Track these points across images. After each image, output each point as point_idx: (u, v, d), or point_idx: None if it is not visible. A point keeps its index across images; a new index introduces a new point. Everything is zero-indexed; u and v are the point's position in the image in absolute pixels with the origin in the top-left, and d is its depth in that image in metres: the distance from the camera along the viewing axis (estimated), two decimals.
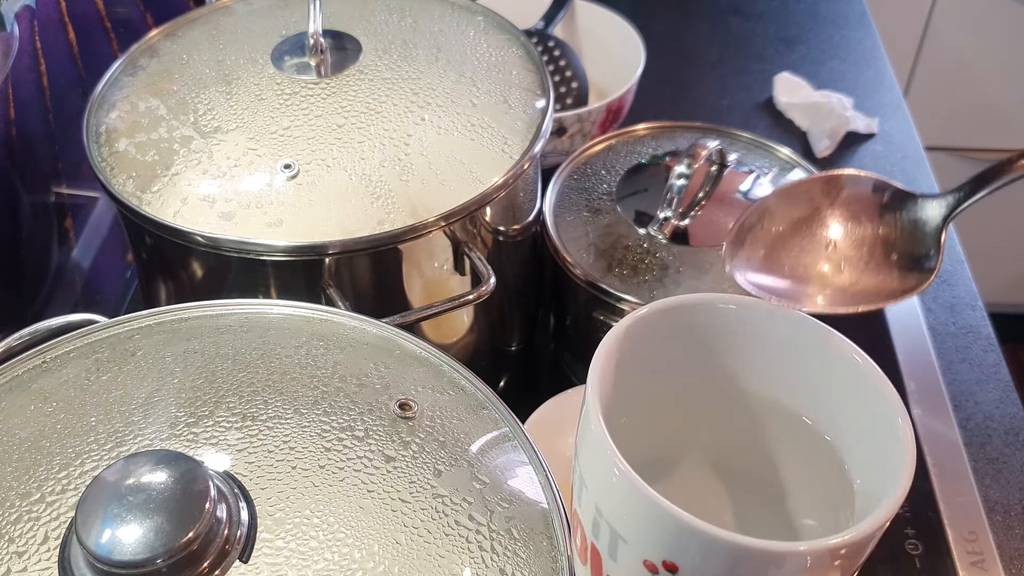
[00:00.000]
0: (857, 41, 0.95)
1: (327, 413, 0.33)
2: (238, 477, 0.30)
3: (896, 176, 0.78)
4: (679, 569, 0.34)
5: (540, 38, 0.79)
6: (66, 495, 0.30)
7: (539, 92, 0.53)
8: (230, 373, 0.34)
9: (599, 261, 0.55)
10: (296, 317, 0.39)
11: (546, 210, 0.58)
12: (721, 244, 0.54)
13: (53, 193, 0.63)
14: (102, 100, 0.52)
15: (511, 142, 0.50)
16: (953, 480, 0.56)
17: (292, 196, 0.46)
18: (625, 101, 0.75)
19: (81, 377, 0.35)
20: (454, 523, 0.31)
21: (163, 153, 0.48)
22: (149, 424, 0.32)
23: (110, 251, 0.69)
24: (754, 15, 0.98)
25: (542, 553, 0.31)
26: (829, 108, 0.81)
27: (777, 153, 0.61)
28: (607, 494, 0.36)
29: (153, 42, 0.55)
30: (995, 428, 0.59)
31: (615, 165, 0.60)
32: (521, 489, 0.33)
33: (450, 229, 0.48)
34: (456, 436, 0.34)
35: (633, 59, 0.77)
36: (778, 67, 0.89)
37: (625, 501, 0.35)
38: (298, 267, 0.46)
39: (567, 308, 0.60)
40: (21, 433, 0.32)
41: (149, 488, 0.27)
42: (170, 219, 0.46)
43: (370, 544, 0.29)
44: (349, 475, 0.31)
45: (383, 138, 0.48)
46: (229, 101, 0.50)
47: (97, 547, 0.26)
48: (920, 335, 0.64)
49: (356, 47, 0.52)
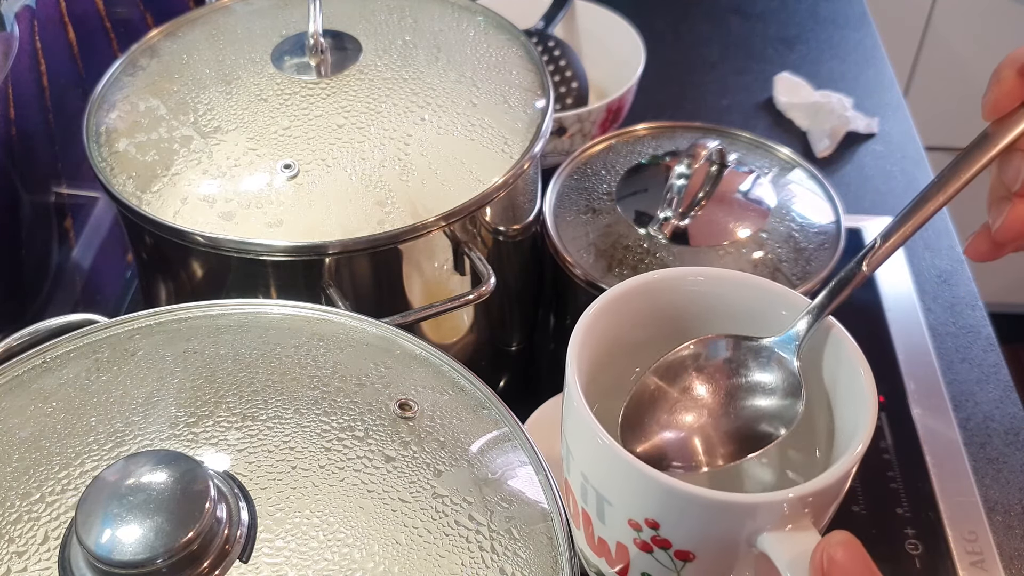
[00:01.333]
0: (857, 41, 0.95)
1: (327, 413, 0.33)
2: (238, 477, 0.30)
3: (896, 176, 0.78)
4: (660, 526, 0.36)
5: (540, 38, 0.79)
6: (66, 495, 0.30)
7: (539, 92, 0.53)
8: (230, 373, 0.34)
9: (599, 261, 0.55)
10: (296, 317, 0.39)
11: (546, 210, 0.58)
12: (722, 243, 0.54)
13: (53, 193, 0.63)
14: (102, 100, 0.52)
15: (511, 142, 0.50)
16: (953, 480, 0.56)
17: (292, 196, 0.46)
18: (625, 101, 0.75)
19: (81, 377, 0.35)
20: (454, 523, 0.31)
21: (163, 153, 0.48)
22: (149, 424, 0.32)
23: (110, 251, 0.69)
24: (754, 15, 0.98)
25: (542, 553, 0.31)
26: (829, 108, 0.81)
27: (777, 153, 0.61)
28: (591, 462, 0.38)
29: (153, 42, 0.55)
30: (995, 428, 0.59)
31: (615, 165, 0.60)
32: (521, 489, 0.33)
33: (450, 229, 0.48)
34: (456, 436, 0.34)
35: (633, 59, 0.77)
36: (778, 67, 0.89)
37: (608, 468, 0.37)
38: (298, 267, 0.46)
39: (567, 308, 0.60)
40: (21, 433, 0.32)
41: (149, 488, 0.27)
42: (170, 219, 0.46)
43: (370, 544, 0.29)
44: (349, 475, 0.31)
45: (383, 138, 0.48)
46: (229, 101, 0.50)
47: (97, 547, 0.26)
48: (920, 335, 0.64)
49: (356, 47, 0.52)
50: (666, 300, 0.43)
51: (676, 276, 0.43)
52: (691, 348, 0.41)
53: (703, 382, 0.41)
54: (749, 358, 0.40)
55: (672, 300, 0.43)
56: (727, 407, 0.40)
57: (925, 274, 0.69)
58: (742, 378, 0.40)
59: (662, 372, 0.41)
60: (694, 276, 0.43)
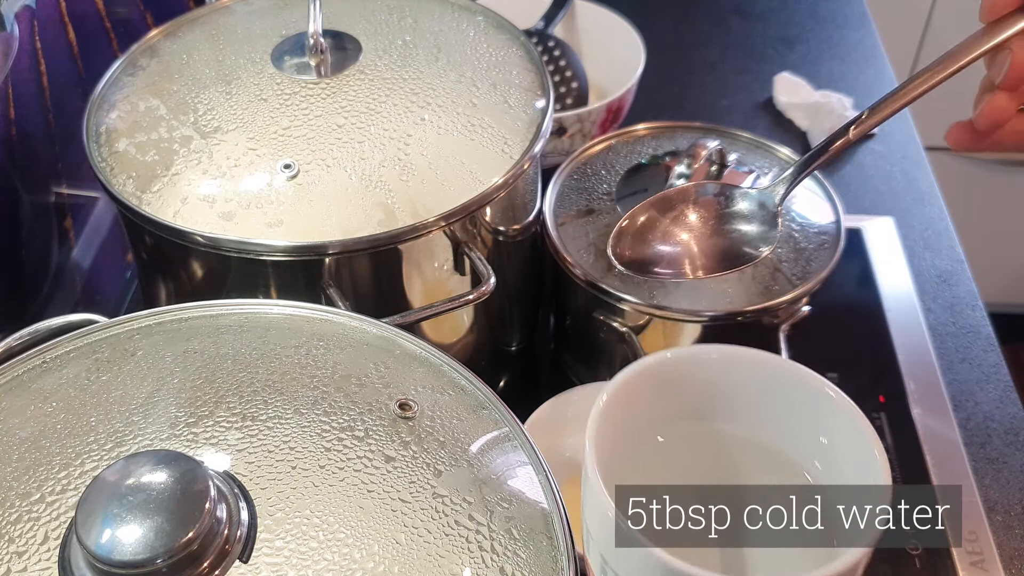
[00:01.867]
0: (857, 41, 0.95)
1: (327, 413, 0.33)
2: (238, 477, 0.30)
3: (896, 176, 0.78)
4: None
5: (540, 38, 0.79)
6: (66, 495, 0.30)
7: (539, 92, 0.53)
8: (230, 373, 0.34)
9: (599, 261, 0.55)
10: (296, 317, 0.39)
11: (546, 210, 0.58)
12: None
13: (53, 193, 0.63)
14: (102, 100, 0.52)
15: (511, 142, 0.50)
16: (953, 480, 0.56)
17: (292, 196, 0.46)
18: (625, 101, 0.75)
19: (81, 377, 0.35)
20: (454, 523, 0.31)
21: (163, 153, 0.48)
22: (149, 424, 0.32)
23: (110, 251, 0.69)
24: (754, 15, 0.98)
25: (542, 553, 0.31)
26: (829, 108, 0.81)
27: (777, 153, 0.61)
28: (611, 548, 0.38)
29: (153, 42, 0.55)
30: (995, 428, 0.59)
31: (615, 165, 0.60)
32: (521, 489, 0.33)
33: (450, 229, 0.48)
34: (456, 436, 0.34)
35: (633, 59, 0.77)
36: (778, 67, 0.88)
37: (627, 555, 0.37)
38: (298, 267, 0.46)
39: (567, 308, 0.60)
40: (21, 433, 0.32)
41: (149, 488, 0.27)
42: (170, 219, 0.46)
43: (370, 544, 0.29)
44: (349, 475, 0.31)
45: (383, 138, 0.48)
46: (229, 101, 0.50)
47: (97, 547, 0.26)
48: (920, 335, 0.64)
49: (356, 47, 0.52)
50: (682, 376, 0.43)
51: (689, 356, 0.43)
52: (684, 185, 0.44)
53: (693, 211, 0.44)
54: (736, 196, 0.44)
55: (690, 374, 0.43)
56: (714, 229, 0.43)
57: (925, 274, 0.69)
58: (727, 209, 0.44)
59: (657, 203, 0.44)
60: (707, 354, 0.43)
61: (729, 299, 0.53)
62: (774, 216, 0.43)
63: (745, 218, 0.44)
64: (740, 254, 0.43)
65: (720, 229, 0.43)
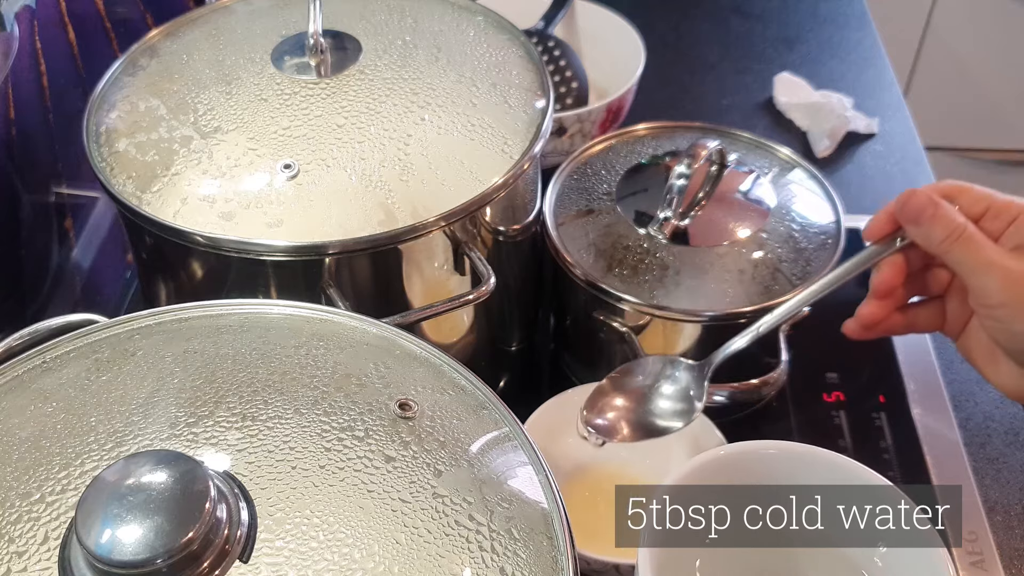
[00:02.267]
0: (857, 41, 0.95)
1: (327, 413, 0.33)
2: (238, 477, 0.30)
3: (896, 176, 0.78)
4: None
5: (540, 38, 0.79)
6: (66, 495, 0.30)
7: (539, 92, 0.53)
8: (230, 373, 0.34)
9: (599, 261, 0.55)
10: (296, 317, 0.39)
11: (546, 210, 0.58)
12: (722, 243, 0.54)
13: (53, 193, 0.63)
14: (102, 100, 0.52)
15: (511, 142, 0.50)
16: (953, 480, 0.56)
17: (292, 196, 0.46)
18: (625, 101, 0.75)
19: (81, 377, 0.35)
20: (454, 523, 0.31)
21: (163, 153, 0.48)
22: (149, 424, 0.32)
23: (110, 251, 0.69)
24: (754, 15, 0.98)
25: (542, 553, 0.31)
26: (829, 108, 0.81)
27: (777, 153, 0.61)
28: None
29: (153, 42, 0.55)
30: (995, 428, 0.59)
31: (615, 165, 0.60)
32: (521, 489, 0.33)
33: (450, 229, 0.48)
34: (456, 436, 0.34)
35: (633, 59, 0.77)
36: (778, 67, 0.88)
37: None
38: (298, 267, 0.46)
39: (567, 308, 0.60)
40: (21, 433, 0.32)
41: (149, 488, 0.27)
42: (170, 219, 0.46)
43: (370, 544, 0.29)
44: (349, 475, 0.31)
45: (383, 138, 0.48)
46: (229, 101, 0.50)
47: (97, 547, 0.26)
48: (920, 335, 0.64)
49: (356, 47, 0.52)
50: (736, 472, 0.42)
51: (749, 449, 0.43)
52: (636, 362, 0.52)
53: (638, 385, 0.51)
54: (674, 371, 0.51)
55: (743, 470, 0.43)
56: (646, 401, 0.50)
57: None
58: (663, 386, 0.51)
59: (621, 371, 0.51)
60: (764, 450, 0.43)
61: (729, 299, 0.53)
62: (695, 396, 0.49)
63: (671, 396, 0.50)
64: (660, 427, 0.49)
65: (651, 402, 0.50)
